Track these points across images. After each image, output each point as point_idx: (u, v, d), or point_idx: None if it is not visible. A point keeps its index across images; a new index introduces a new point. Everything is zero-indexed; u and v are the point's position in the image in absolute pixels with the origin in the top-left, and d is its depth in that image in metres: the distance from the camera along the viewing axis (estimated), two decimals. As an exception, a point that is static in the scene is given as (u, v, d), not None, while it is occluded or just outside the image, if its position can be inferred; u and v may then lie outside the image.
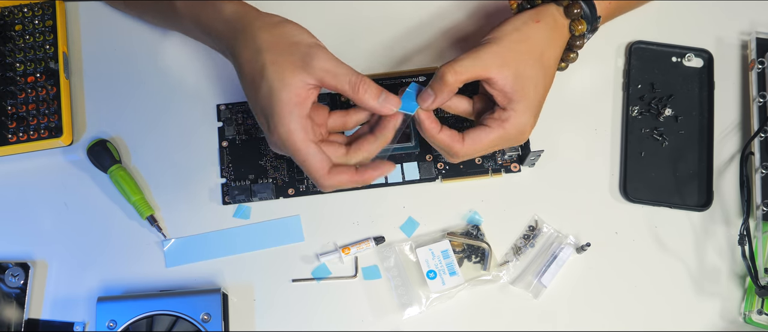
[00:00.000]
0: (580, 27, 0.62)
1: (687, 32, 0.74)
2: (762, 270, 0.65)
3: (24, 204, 0.69)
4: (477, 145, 0.60)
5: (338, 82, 0.55)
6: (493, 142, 0.60)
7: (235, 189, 0.69)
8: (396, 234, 0.69)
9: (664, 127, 0.72)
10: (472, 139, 0.60)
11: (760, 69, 0.71)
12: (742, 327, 0.67)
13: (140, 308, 0.63)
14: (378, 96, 0.57)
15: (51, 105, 0.69)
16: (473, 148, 0.60)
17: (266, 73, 0.55)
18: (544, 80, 0.60)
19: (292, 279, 0.67)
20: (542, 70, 0.60)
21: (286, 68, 0.54)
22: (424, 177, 0.69)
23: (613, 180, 0.71)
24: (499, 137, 0.59)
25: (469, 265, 0.68)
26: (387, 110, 0.57)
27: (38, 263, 0.67)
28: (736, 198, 0.70)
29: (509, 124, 0.59)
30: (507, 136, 0.60)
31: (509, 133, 0.59)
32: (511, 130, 0.59)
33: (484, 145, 0.60)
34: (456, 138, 0.60)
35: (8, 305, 0.65)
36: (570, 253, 0.68)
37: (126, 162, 0.70)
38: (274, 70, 0.55)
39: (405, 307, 0.66)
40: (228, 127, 0.71)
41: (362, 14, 0.75)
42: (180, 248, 0.68)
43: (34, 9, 0.72)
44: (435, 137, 0.60)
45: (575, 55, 0.65)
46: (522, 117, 0.59)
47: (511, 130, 0.59)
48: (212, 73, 0.73)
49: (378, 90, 0.57)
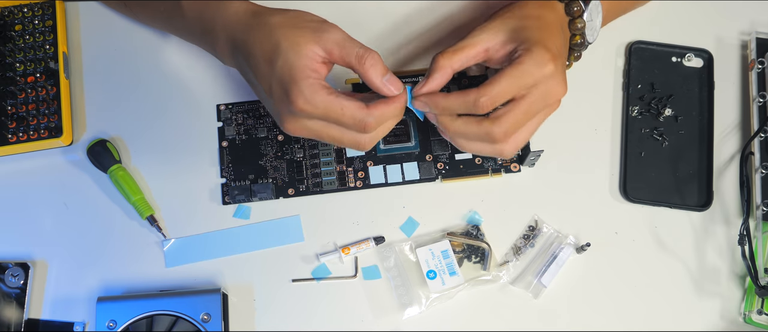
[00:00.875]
0: (580, 25, 0.62)
1: (687, 32, 0.74)
2: (762, 270, 0.65)
3: (24, 204, 0.69)
4: (496, 85, 0.55)
5: (346, 54, 0.55)
6: (514, 80, 0.55)
7: (235, 189, 0.69)
8: (396, 234, 0.69)
9: (664, 127, 0.72)
10: (488, 81, 0.55)
11: (760, 69, 0.71)
12: (742, 327, 0.67)
13: (140, 308, 0.63)
14: (384, 74, 0.56)
15: (51, 105, 0.69)
16: (494, 89, 0.55)
17: (281, 47, 0.55)
18: (548, 29, 0.58)
19: (292, 279, 0.67)
20: (543, 22, 0.58)
21: (299, 41, 0.55)
22: (424, 177, 0.70)
23: (613, 180, 0.71)
24: (519, 74, 0.55)
25: (469, 265, 0.68)
26: (388, 91, 0.56)
27: (38, 263, 0.67)
28: (736, 198, 0.70)
29: (524, 60, 0.55)
30: (527, 72, 0.55)
31: (528, 69, 0.55)
32: (529, 66, 0.55)
33: (505, 86, 0.55)
34: (470, 90, 0.56)
35: (8, 305, 0.65)
36: (570, 253, 0.68)
37: (126, 162, 0.70)
38: (288, 44, 0.55)
39: (405, 307, 0.66)
40: (228, 127, 0.71)
41: (362, 14, 0.75)
42: (180, 248, 0.68)
43: (34, 9, 0.72)
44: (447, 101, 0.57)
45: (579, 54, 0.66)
46: (535, 51, 0.55)
47: (530, 66, 0.55)
48: (212, 73, 0.73)
49: (385, 69, 0.56)
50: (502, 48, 0.58)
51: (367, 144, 0.58)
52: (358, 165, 0.70)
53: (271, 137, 0.71)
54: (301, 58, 0.54)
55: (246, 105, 0.72)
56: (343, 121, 0.56)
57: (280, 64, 0.55)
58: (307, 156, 0.70)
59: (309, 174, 0.70)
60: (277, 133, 0.71)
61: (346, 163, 0.70)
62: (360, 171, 0.70)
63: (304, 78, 0.54)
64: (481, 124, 0.57)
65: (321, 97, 0.54)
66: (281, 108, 0.56)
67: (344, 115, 0.55)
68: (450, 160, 0.70)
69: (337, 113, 0.55)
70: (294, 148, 0.70)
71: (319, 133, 0.57)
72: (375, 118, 0.56)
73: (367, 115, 0.55)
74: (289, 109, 0.55)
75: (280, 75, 0.55)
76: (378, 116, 0.56)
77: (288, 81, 0.55)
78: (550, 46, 0.57)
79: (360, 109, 0.55)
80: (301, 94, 0.54)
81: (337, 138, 0.57)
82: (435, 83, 0.58)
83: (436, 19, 0.75)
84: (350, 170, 0.70)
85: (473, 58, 0.59)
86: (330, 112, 0.55)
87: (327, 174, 0.70)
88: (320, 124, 0.57)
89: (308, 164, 0.70)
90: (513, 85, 0.56)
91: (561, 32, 0.61)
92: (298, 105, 0.55)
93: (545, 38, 0.57)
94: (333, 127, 0.57)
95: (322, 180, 0.69)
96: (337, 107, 0.55)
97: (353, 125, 0.56)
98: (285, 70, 0.55)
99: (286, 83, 0.55)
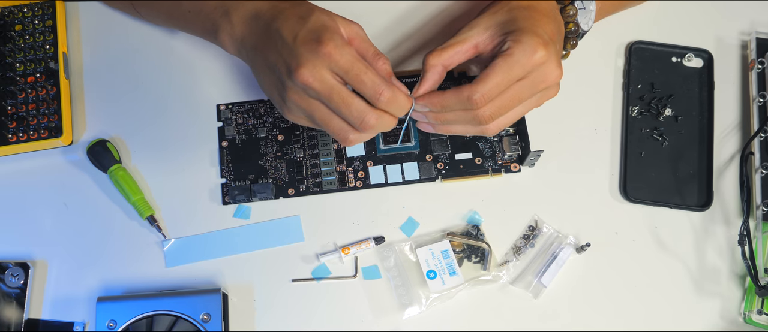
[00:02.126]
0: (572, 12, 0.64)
1: (687, 32, 0.74)
2: (762, 270, 0.65)
3: (24, 204, 0.69)
4: (489, 80, 0.56)
5: (365, 48, 0.58)
6: (505, 72, 0.56)
7: (235, 190, 0.69)
8: (396, 234, 0.69)
9: (664, 127, 0.72)
10: (481, 76, 0.56)
11: (760, 69, 0.71)
12: (742, 327, 0.67)
13: (140, 308, 0.63)
14: (391, 76, 0.58)
15: (51, 105, 0.69)
16: (487, 85, 0.56)
17: (315, 11, 0.57)
18: (539, 17, 0.58)
19: (292, 279, 0.67)
20: (534, 11, 0.59)
21: (332, 16, 0.57)
22: (424, 177, 0.69)
23: (613, 180, 0.71)
24: (509, 66, 0.56)
25: (469, 265, 0.68)
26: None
27: (38, 263, 0.67)
28: (736, 198, 0.70)
29: (513, 51, 0.56)
30: (516, 62, 0.56)
31: (518, 60, 0.56)
32: (519, 57, 0.56)
33: (498, 79, 0.56)
34: (464, 85, 0.57)
35: (8, 305, 0.65)
36: (570, 253, 0.68)
37: (126, 162, 0.70)
38: (321, 12, 0.57)
39: (405, 307, 0.66)
40: (228, 127, 0.71)
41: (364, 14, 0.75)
42: (180, 248, 0.68)
43: (34, 9, 0.72)
44: (443, 100, 0.58)
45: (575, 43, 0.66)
46: (524, 40, 0.56)
47: (520, 56, 0.56)
48: (212, 73, 0.73)
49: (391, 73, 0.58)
50: (491, 42, 0.59)
51: (371, 121, 0.57)
52: (358, 165, 0.70)
53: (271, 137, 0.71)
54: (333, 21, 0.56)
55: (246, 105, 0.72)
56: (362, 80, 0.56)
57: (314, 19, 0.56)
58: (307, 156, 0.70)
59: (309, 174, 0.70)
60: (278, 133, 0.71)
61: (346, 163, 0.70)
62: (360, 171, 0.70)
63: (337, 31, 0.56)
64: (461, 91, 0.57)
65: (349, 50, 0.55)
66: (304, 53, 0.55)
67: (367, 74, 0.55)
68: (450, 160, 0.70)
69: (361, 70, 0.55)
70: (294, 148, 0.70)
71: (332, 89, 0.56)
72: (391, 93, 0.56)
73: (386, 86, 0.56)
74: (315, 52, 0.55)
75: (313, 24, 0.56)
76: (394, 94, 0.56)
77: (321, 29, 0.55)
78: (539, 32, 0.57)
79: (380, 77, 0.56)
80: (333, 40, 0.55)
81: (346, 101, 0.56)
82: (429, 83, 0.59)
83: (428, 17, 0.75)
84: (350, 170, 0.70)
85: (464, 54, 0.59)
86: (354, 66, 0.55)
87: (327, 174, 0.70)
88: (335, 80, 0.56)
89: (308, 164, 0.70)
90: (505, 77, 0.56)
91: (553, 19, 0.61)
92: (328, 48, 0.54)
93: (534, 25, 0.57)
94: (345, 90, 0.56)
95: (322, 180, 0.69)
96: (362, 64, 0.55)
97: (370, 88, 0.56)
98: (318, 22, 0.56)
99: (319, 30, 0.55)
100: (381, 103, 0.56)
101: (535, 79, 0.57)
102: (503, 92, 0.57)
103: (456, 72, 0.72)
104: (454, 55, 0.59)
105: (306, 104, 0.57)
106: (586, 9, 0.65)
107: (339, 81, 0.56)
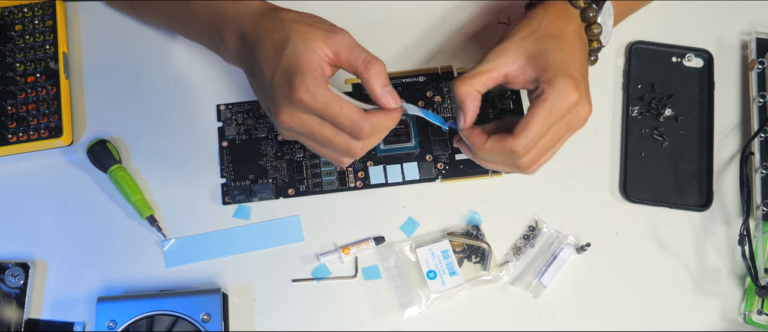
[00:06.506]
0: (597, 31, 0.62)
1: (687, 32, 0.74)
2: (762, 270, 0.65)
3: (24, 204, 0.69)
4: (529, 131, 0.57)
5: (353, 57, 0.56)
6: (543, 120, 0.57)
7: (235, 190, 0.69)
8: (396, 234, 0.69)
9: (664, 127, 0.72)
10: (521, 127, 0.57)
11: (760, 69, 0.71)
12: (742, 327, 0.67)
13: (140, 308, 0.63)
14: (385, 85, 0.56)
15: (51, 105, 0.69)
16: (528, 136, 0.57)
17: (291, 38, 0.55)
18: (569, 47, 0.58)
19: (292, 279, 0.67)
20: (563, 41, 0.59)
21: (310, 37, 0.55)
22: (424, 177, 0.69)
23: (613, 180, 0.71)
24: (547, 113, 0.56)
25: (469, 265, 0.68)
26: (386, 101, 0.56)
27: (38, 263, 0.67)
28: (736, 198, 0.70)
29: (548, 97, 0.56)
30: (554, 109, 0.56)
31: (554, 105, 0.56)
32: (555, 102, 0.56)
33: (537, 130, 0.57)
34: (506, 137, 0.58)
35: (8, 305, 0.65)
36: (570, 253, 0.68)
37: (126, 162, 0.70)
38: (298, 37, 0.55)
39: (405, 307, 0.66)
40: (228, 127, 0.71)
41: (365, 14, 0.75)
42: (180, 248, 0.68)
43: (34, 9, 0.72)
44: (484, 149, 0.59)
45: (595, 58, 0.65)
46: (559, 84, 0.56)
47: (556, 101, 0.56)
48: (212, 73, 0.73)
49: (387, 80, 0.56)
50: (522, 73, 0.59)
51: (357, 151, 0.58)
52: (358, 165, 0.70)
53: (271, 137, 0.71)
54: (309, 52, 0.55)
55: (246, 105, 0.72)
56: (339, 121, 0.56)
57: (288, 53, 0.55)
58: (307, 156, 0.70)
59: (309, 174, 0.70)
60: (278, 133, 0.71)
61: (346, 163, 0.70)
62: (360, 171, 0.70)
63: (309, 70, 0.54)
64: (504, 143, 0.58)
65: (323, 91, 0.54)
66: (280, 97, 0.56)
67: (342, 115, 0.55)
68: (450, 160, 0.70)
69: (336, 111, 0.55)
70: (294, 148, 0.70)
71: (312, 129, 0.57)
72: (371, 125, 0.56)
73: (364, 121, 0.56)
74: (288, 98, 0.55)
75: (286, 63, 0.55)
76: (374, 124, 0.56)
77: (294, 70, 0.55)
78: (571, 71, 0.57)
79: (358, 112, 0.55)
80: (305, 84, 0.54)
81: (328, 138, 0.57)
82: (470, 114, 0.60)
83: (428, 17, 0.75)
84: (350, 170, 0.70)
85: (493, 82, 0.59)
86: (329, 108, 0.55)
87: (327, 174, 0.70)
88: (315, 121, 0.56)
89: (308, 164, 0.70)
90: (544, 124, 0.57)
91: (580, 44, 0.61)
92: (300, 94, 0.54)
93: (567, 62, 0.58)
94: (327, 126, 0.56)
95: (322, 181, 0.69)
96: (337, 105, 0.55)
97: (349, 127, 0.56)
98: (292, 59, 0.55)
99: (291, 72, 0.55)
100: (363, 137, 0.57)
101: (570, 120, 0.58)
102: (542, 138, 0.58)
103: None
104: (485, 83, 0.59)
105: (295, 136, 0.59)
106: (607, 23, 0.64)
107: (319, 121, 0.56)
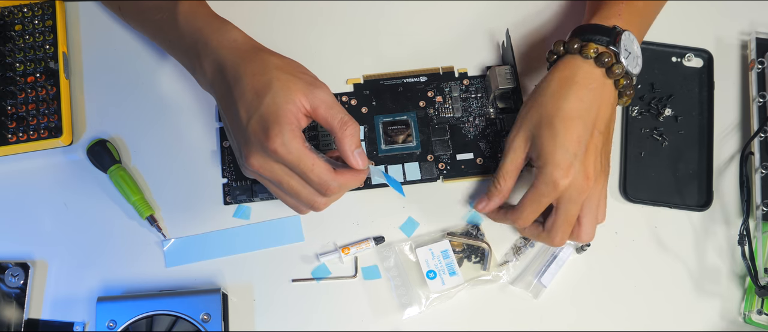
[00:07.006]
0: (618, 71, 0.61)
1: (687, 32, 0.74)
2: (762, 270, 0.65)
3: (24, 204, 0.69)
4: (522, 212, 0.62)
5: (330, 115, 0.57)
6: (534, 202, 0.62)
7: (237, 190, 0.69)
8: (396, 234, 0.69)
9: (664, 127, 0.72)
10: (516, 207, 0.63)
11: (760, 69, 0.71)
12: (742, 327, 0.67)
13: (140, 308, 0.63)
14: (357, 147, 0.58)
15: (51, 105, 0.69)
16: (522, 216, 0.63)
17: (273, 85, 0.56)
18: (564, 127, 0.60)
19: (292, 279, 0.67)
20: (558, 121, 0.60)
21: (291, 87, 0.56)
22: (425, 177, 0.69)
23: (613, 180, 0.71)
24: (538, 196, 0.61)
25: (469, 265, 0.68)
26: (356, 163, 0.58)
27: (38, 263, 0.67)
28: (736, 198, 0.70)
29: (538, 184, 0.61)
30: (543, 194, 0.61)
31: (543, 192, 0.61)
32: (543, 189, 0.61)
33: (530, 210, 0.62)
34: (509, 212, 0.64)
35: (8, 305, 0.65)
36: (570, 253, 0.68)
37: (126, 162, 0.70)
38: (280, 86, 0.56)
39: (405, 307, 0.66)
40: (228, 127, 0.71)
41: (365, 14, 0.75)
42: (180, 248, 0.68)
43: (34, 9, 0.72)
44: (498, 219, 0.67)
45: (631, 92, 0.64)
46: (546, 172, 0.60)
47: (543, 189, 0.61)
48: (212, 73, 0.73)
49: (359, 142, 0.58)
50: (526, 158, 0.63)
51: (320, 206, 0.59)
52: (358, 165, 0.70)
53: (271, 137, 0.71)
54: (289, 103, 0.56)
55: (246, 105, 0.72)
56: (308, 176, 0.57)
57: (268, 102, 0.55)
58: (307, 156, 0.70)
59: (309, 174, 0.70)
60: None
61: (346, 163, 0.70)
62: (360, 171, 0.70)
63: (287, 122, 0.55)
64: (539, 235, 0.64)
65: (297, 145, 0.55)
66: (254, 143, 0.57)
67: (313, 171, 0.56)
68: (451, 161, 0.70)
69: (307, 167, 0.56)
70: (294, 148, 0.70)
71: (281, 178, 0.57)
72: (338, 185, 0.57)
73: (333, 180, 0.57)
74: (262, 146, 0.56)
75: (265, 111, 0.56)
76: (341, 183, 0.58)
77: (271, 119, 0.55)
78: (557, 158, 0.60)
79: (328, 171, 0.57)
80: (281, 135, 0.55)
81: (295, 190, 0.58)
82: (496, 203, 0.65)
83: (429, 16, 0.75)
84: (350, 170, 0.70)
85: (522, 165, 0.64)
86: (301, 163, 0.56)
87: (327, 175, 0.70)
88: (285, 171, 0.57)
89: (308, 164, 0.70)
90: (537, 205, 0.62)
91: (580, 119, 0.61)
92: (275, 145, 0.55)
93: (555, 146, 0.60)
94: (295, 179, 0.57)
95: (322, 180, 0.69)
96: (309, 161, 0.56)
97: (317, 184, 0.57)
98: (272, 108, 0.55)
99: (269, 121, 0.55)
100: (329, 194, 0.58)
101: (570, 197, 0.61)
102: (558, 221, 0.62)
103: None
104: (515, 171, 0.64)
105: (259, 179, 0.60)
106: (633, 54, 0.63)
107: (288, 172, 0.57)
